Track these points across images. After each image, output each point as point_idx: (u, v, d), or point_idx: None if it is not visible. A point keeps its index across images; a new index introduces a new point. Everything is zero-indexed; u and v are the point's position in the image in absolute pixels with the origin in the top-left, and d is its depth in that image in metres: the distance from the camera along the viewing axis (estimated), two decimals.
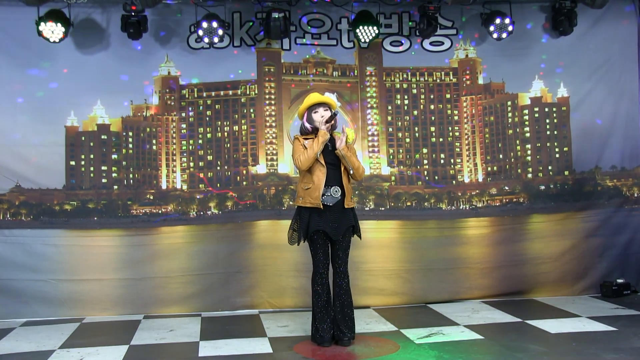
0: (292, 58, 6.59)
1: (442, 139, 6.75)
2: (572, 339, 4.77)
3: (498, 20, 6.29)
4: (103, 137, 6.27)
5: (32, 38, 5.81)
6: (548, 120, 6.77)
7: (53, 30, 5.70)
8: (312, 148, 4.55)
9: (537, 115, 6.77)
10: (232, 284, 6.21)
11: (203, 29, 5.94)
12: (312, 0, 6.47)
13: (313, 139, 4.60)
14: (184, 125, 6.44)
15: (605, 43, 6.65)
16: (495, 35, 6.37)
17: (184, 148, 6.45)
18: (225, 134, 6.51)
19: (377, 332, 5.19)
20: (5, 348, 4.90)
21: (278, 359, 4.52)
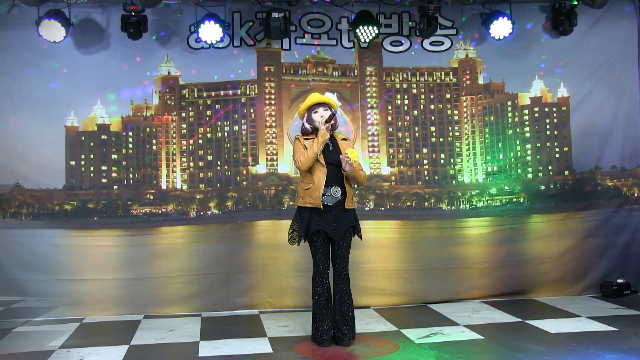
0: (292, 58, 6.59)
1: (442, 139, 6.75)
2: (572, 339, 4.77)
3: (498, 20, 6.29)
4: (103, 137, 6.29)
5: (33, 38, 5.84)
6: (548, 120, 6.77)
7: (53, 30, 5.72)
8: (311, 148, 4.54)
9: (537, 115, 6.77)
10: (232, 284, 6.22)
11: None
12: (312, 0, 6.47)
13: (313, 139, 4.60)
14: (184, 125, 6.45)
15: (605, 43, 6.65)
16: (495, 35, 6.37)
17: (184, 148, 6.46)
18: (225, 134, 6.52)
19: (377, 332, 5.19)
20: (6, 348, 4.92)
21: (278, 359, 4.52)
